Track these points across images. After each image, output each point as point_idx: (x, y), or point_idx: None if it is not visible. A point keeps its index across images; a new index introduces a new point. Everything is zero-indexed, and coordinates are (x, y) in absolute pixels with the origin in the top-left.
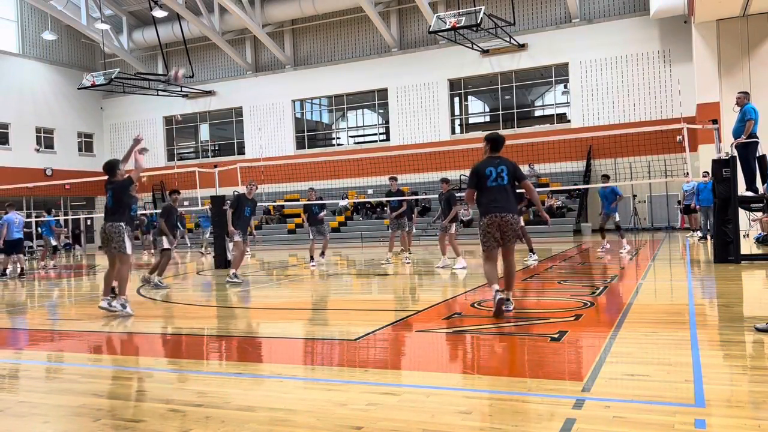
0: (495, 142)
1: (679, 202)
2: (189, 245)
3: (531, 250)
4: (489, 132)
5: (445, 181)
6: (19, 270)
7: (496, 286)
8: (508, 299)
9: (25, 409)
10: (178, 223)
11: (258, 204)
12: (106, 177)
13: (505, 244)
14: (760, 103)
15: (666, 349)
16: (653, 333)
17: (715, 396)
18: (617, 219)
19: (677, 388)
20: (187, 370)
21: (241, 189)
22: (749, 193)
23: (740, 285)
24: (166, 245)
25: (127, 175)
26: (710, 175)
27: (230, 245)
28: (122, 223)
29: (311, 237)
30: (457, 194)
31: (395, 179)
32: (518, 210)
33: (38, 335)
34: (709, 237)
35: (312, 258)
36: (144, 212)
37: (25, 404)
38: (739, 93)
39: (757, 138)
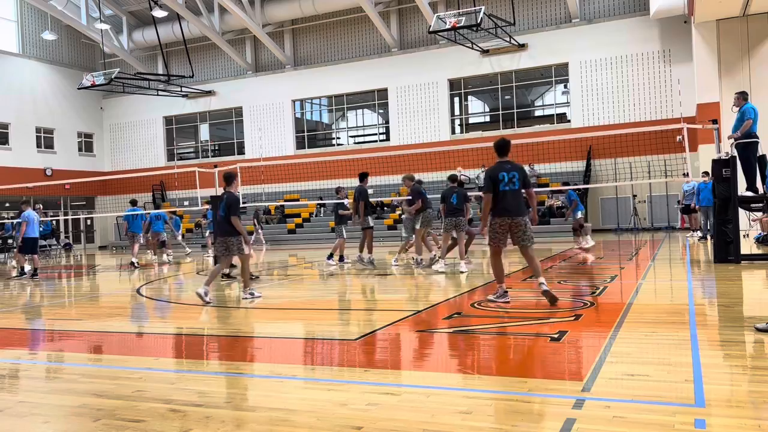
0: (501, 148)
1: (678, 202)
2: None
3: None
4: (497, 139)
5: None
6: (32, 270)
7: (504, 287)
8: (542, 282)
9: (25, 409)
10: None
11: (258, 203)
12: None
13: (518, 243)
14: (761, 103)
15: (666, 349)
16: (653, 333)
17: (716, 396)
18: (578, 217)
19: (677, 388)
20: (187, 370)
21: (241, 189)
22: (749, 193)
23: (740, 285)
24: (370, 223)
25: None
26: (710, 175)
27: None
28: (236, 236)
29: (343, 236)
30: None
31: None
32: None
33: (38, 335)
34: (709, 237)
35: (342, 258)
36: (145, 211)
37: (26, 404)
38: (736, 94)
39: (757, 138)
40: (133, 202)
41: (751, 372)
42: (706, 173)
